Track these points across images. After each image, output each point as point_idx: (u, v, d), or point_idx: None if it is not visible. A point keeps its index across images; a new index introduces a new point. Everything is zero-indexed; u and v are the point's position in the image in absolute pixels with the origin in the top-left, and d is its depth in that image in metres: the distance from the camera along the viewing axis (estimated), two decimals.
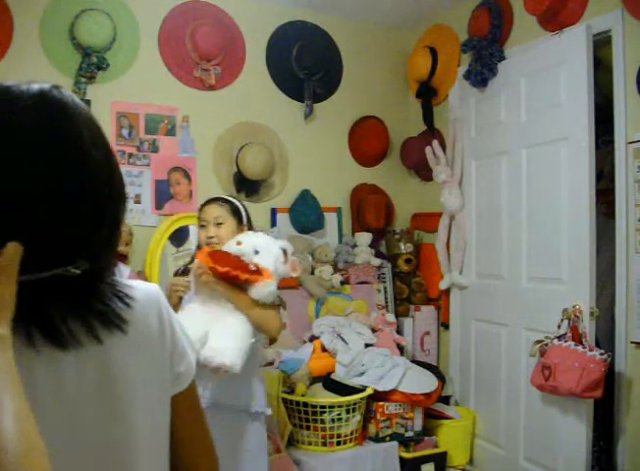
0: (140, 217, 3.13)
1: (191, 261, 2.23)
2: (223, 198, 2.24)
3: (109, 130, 3.03)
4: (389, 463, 2.91)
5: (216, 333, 1.90)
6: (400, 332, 3.51)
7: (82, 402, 0.75)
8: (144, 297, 0.84)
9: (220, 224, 2.14)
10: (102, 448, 0.76)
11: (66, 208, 0.74)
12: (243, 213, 2.21)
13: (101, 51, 2.98)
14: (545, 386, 2.56)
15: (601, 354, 2.41)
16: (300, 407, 2.81)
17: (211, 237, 2.12)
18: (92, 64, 2.94)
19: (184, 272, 2.24)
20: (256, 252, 2.01)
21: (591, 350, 2.43)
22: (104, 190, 0.80)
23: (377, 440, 2.95)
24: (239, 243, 2.00)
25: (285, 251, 2.07)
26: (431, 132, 3.61)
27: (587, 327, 2.54)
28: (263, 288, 1.95)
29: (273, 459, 2.51)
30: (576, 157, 2.65)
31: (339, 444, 2.83)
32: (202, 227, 2.17)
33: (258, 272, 1.96)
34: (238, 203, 2.23)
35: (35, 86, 0.76)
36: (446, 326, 3.58)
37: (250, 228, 2.21)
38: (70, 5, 2.96)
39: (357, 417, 2.87)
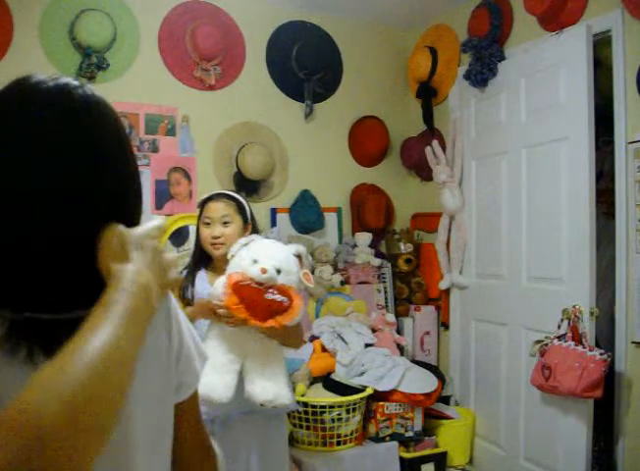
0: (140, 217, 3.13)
1: (194, 260, 2.15)
2: (228, 195, 2.15)
3: None
4: (389, 463, 2.90)
5: (258, 369, 1.88)
6: (399, 332, 3.51)
7: None
8: None
9: (227, 223, 2.06)
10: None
11: (83, 209, 0.73)
12: (248, 210, 2.14)
13: (101, 51, 2.98)
14: (545, 386, 2.56)
15: (601, 354, 2.41)
16: (300, 407, 2.81)
17: (217, 238, 2.05)
18: (92, 64, 2.94)
19: (193, 269, 2.16)
20: (278, 271, 1.87)
21: (591, 350, 2.43)
22: (124, 192, 0.78)
23: (377, 440, 2.95)
24: (264, 271, 1.83)
25: (299, 257, 1.95)
26: (431, 132, 3.61)
27: (587, 327, 2.54)
28: (297, 317, 1.85)
29: None
30: (576, 157, 2.65)
31: (339, 444, 2.83)
32: (207, 224, 2.08)
33: (291, 305, 1.84)
34: (242, 200, 2.15)
35: (62, 82, 0.75)
36: (446, 326, 3.58)
37: (254, 225, 2.16)
38: (70, 5, 2.96)
39: (357, 417, 2.87)
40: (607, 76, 2.68)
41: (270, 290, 1.84)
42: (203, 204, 2.13)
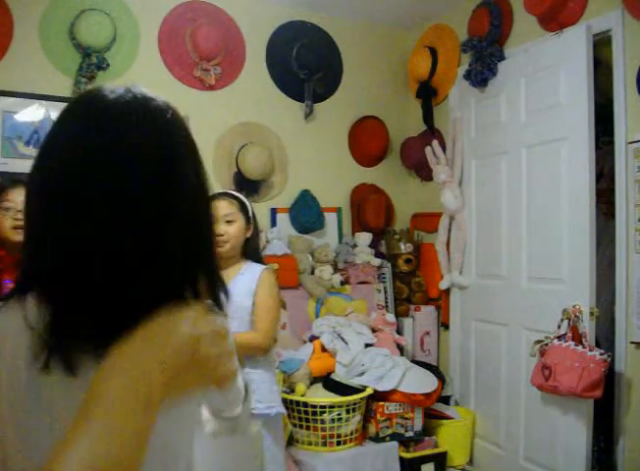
0: None
1: None
2: (232, 194, 2.17)
3: None
4: (389, 463, 2.91)
5: None
6: (399, 332, 3.51)
7: None
8: None
9: (230, 221, 2.08)
10: None
11: (153, 231, 0.71)
12: (250, 210, 2.16)
13: (101, 51, 2.98)
14: (545, 386, 2.56)
15: (601, 354, 2.41)
16: (300, 407, 2.81)
17: (221, 236, 2.07)
18: (92, 64, 2.94)
19: None
20: None
21: (591, 350, 2.44)
22: (194, 207, 0.77)
23: (377, 440, 2.95)
24: None
25: None
26: (431, 132, 3.61)
27: (587, 327, 2.54)
28: None
29: None
30: (576, 157, 2.65)
31: (339, 444, 2.83)
32: None
33: None
34: (245, 200, 2.17)
35: (139, 93, 0.74)
36: (446, 326, 3.58)
37: (256, 226, 2.19)
38: (70, 5, 2.96)
39: (357, 417, 2.87)
40: (607, 76, 2.68)
41: None
42: None
